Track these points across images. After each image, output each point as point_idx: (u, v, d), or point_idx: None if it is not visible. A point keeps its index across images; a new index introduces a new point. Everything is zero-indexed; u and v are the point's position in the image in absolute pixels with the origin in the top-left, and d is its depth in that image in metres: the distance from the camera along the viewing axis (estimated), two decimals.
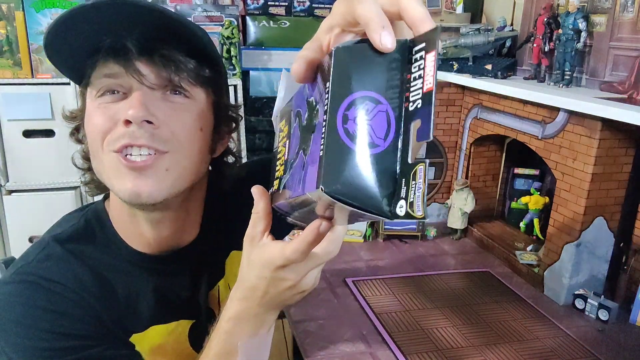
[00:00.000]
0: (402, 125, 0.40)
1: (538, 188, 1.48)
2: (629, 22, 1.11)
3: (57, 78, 2.13)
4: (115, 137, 0.60)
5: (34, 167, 2.16)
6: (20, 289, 0.62)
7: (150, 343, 0.70)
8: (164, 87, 0.62)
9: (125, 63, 0.60)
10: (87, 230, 0.69)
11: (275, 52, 2.50)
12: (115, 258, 0.69)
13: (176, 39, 0.62)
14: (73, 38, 0.59)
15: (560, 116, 1.18)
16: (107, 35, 0.60)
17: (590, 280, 1.20)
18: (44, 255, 0.65)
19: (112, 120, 0.60)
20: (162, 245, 0.71)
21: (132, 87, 0.61)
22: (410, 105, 0.39)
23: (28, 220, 2.13)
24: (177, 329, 0.73)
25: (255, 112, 2.49)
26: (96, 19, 0.58)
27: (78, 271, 0.65)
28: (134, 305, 0.69)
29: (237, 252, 0.81)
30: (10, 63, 2.10)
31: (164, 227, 0.70)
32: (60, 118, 0.71)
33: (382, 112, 0.39)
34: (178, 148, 0.62)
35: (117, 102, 0.61)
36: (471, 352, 1.01)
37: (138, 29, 0.59)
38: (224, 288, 0.80)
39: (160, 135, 0.60)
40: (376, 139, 0.39)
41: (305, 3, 2.45)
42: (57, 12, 2.09)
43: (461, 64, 1.52)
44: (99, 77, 0.62)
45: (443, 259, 1.42)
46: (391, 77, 0.40)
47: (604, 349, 1.03)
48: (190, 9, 2.27)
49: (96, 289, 0.65)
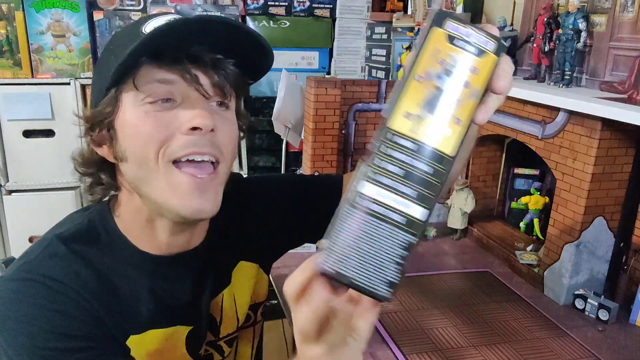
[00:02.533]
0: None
1: (538, 188, 1.48)
2: (629, 22, 1.11)
3: (57, 78, 2.13)
4: (178, 146, 0.60)
5: (34, 167, 2.16)
6: (22, 286, 0.62)
7: (147, 347, 0.69)
8: (217, 97, 0.63)
9: (182, 71, 0.59)
10: (90, 231, 0.69)
11: (275, 52, 2.49)
12: (118, 259, 0.69)
13: (235, 49, 0.62)
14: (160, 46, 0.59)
15: (560, 116, 1.18)
16: (172, 46, 0.59)
17: (590, 280, 1.20)
18: (47, 254, 0.65)
19: (169, 128, 0.60)
20: (171, 248, 0.71)
21: (189, 96, 0.61)
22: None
23: (28, 220, 2.13)
24: (175, 335, 0.72)
25: (255, 112, 2.49)
26: (183, 31, 0.59)
27: (80, 271, 0.64)
28: (135, 307, 0.68)
29: (245, 263, 0.82)
30: (10, 63, 2.10)
31: (182, 234, 0.71)
32: (61, 118, 0.71)
33: None
34: (227, 158, 0.64)
35: (170, 111, 0.61)
36: (471, 352, 1.01)
37: (201, 41, 0.60)
38: (229, 297, 0.80)
39: (218, 144, 0.62)
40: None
41: (305, 3, 2.45)
42: (57, 12, 2.10)
43: None
44: (150, 82, 0.60)
45: (443, 259, 1.42)
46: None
47: (604, 349, 1.03)
48: (190, 9, 2.27)
49: (97, 289, 0.65)
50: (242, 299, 0.81)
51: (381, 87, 1.52)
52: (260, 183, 0.91)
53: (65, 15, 2.11)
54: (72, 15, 2.12)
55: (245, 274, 0.82)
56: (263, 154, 2.55)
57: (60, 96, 2.13)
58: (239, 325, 0.81)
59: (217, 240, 0.78)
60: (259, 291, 0.86)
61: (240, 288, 0.81)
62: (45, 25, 2.10)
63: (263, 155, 2.55)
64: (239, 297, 0.81)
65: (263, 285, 0.87)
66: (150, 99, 0.60)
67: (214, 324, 0.78)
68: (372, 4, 2.50)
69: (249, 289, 0.83)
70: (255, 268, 0.84)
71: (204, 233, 0.76)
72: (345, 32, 2.52)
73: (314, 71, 2.56)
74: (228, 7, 2.32)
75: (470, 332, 1.07)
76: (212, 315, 0.77)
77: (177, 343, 0.73)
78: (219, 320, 0.79)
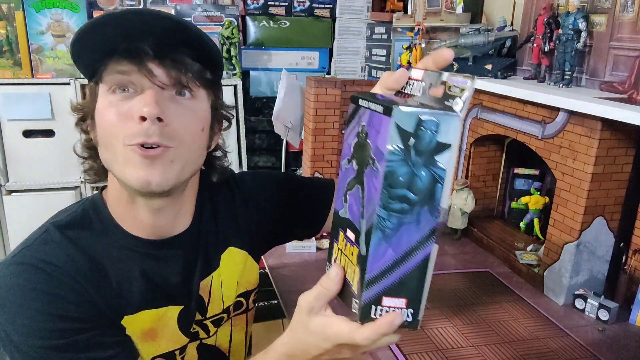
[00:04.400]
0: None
1: (538, 188, 1.48)
2: (629, 22, 1.11)
3: (57, 78, 2.13)
4: (131, 134, 0.65)
5: (34, 167, 2.16)
6: (20, 270, 0.67)
7: (141, 327, 0.74)
8: (172, 87, 0.68)
9: (138, 63, 0.65)
10: (84, 218, 0.74)
11: (275, 52, 2.50)
12: (110, 243, 0.74)
13: (186, 44, 0.68)
14: (96, 40, 0.65)
15: (560, 116, 1.18)
16: (125, 39, 0.66)
17: (590, 280, 1.20)
18: (43, 240, 0.71)
19: (125, 117, 0.65)
20: (157, 232, 0.76)
21: (144, 86, 0.66)
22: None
23: (28, 220, 2.12)
24: (167, 314, 0.77)
25: (255, 112, 2.49)
26: (119, 25, 0.64)
27: (74, 255, 0.70)
28: (127, 289, 0.73)
29: (234, 249, 0.87)
30: (10, 63, 2.10)
31: (162, 215, 0.75)
32: (60, 118, 0.76)
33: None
34: (182, 144, 0.68)
35: (129, 100, 0.66)
36: (471, 352, 1.01)
37: (153, 35, 0.66)
38: (217, 279, 0.85)
39: (168, 133, 0.66)
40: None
41: (305, 3, 2.45)
42: (57, 12, 2.10)
43: (461, 64, 1.52)
44: (112, 74, 0.66)
45: (443, 259, 1.42)
46: None
47: (604, 349, 1.03)
48: (190, 9, 2.27)
49: (90, 273, 0.70)
50: (228, 282, 0.86)
51: None
52: (255, 176, 0.96)
53: (65, 15, 2.11)
54: (72, 15, 2.12)
55: (233, 259, 0.87)
56: (263, 154, 2.55)
57: (60, 96, 2.13)
58: (224, 307, 0.86)
59: (206, 225, 0.83)
60: (249, 278, 0.90)
61: (227, 272, 0.86)
62: (45, 25, 2.10)
63: (263, 155, 2.55)
64: (225, 281, 0.86)
65: (253, 272, 0.91)
66: (111, 90, 0.67)
67: (202, 305, 0.83)
68: (372, 4, 2.50)
69: (237, 274, 0.88)
70: (244, 255, 0.89)
71: (189, 217, 0.81)
72: (345, 32, 2.52)
73: (314, 71, 2.56)
74: (228, 7, 2.32)
75: (470, 332, 1.07)
76: (201, 296, 0.82)
77: (169, 322, 0.78)
78: (207, 301, 0.83)
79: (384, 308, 0.51)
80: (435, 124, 0.46)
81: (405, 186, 0.48)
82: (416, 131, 0.47)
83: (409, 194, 0.48)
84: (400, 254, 0.50)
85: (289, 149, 2.50)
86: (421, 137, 0.47)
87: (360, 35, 2.52)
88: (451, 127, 0.47)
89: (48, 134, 2.14)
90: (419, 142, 0.47)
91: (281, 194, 0.93)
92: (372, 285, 0.51)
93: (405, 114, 0.46)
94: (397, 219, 0.49)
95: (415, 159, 0.47)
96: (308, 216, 0.97)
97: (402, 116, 0.46)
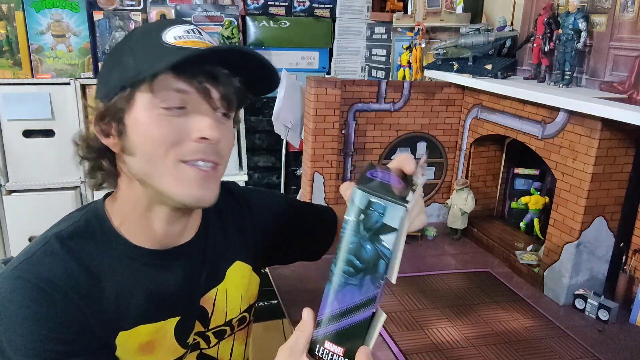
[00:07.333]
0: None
1: (538, 188, 1.48)
2: (629, 22, 1.11)
3: (57, 78, 2.13)
4: (189, 151, 0.68)
5: (34, 167, 2.16)
6: (18, 285, 0.66)
7: (138, 340, 0.74)
8: (224, 109, 0.71)
9: (198, 84, 0.67)
10: (87, 229, 0.73)
11: (275, 52, 2.49)
12: (113, 254, 0.73)
13: (249, 71, 0.71)
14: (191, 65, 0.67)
15: (560, 116, 1.18)
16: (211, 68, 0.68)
17: (590, 280, 1.20)
18: (44, 252, 0.70)
19: (180, 133, 0.67)
20: (164, 241, 0.76)
21: (200, 106, 0.68)
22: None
23: (28, 220, 2.13)
24: (165, 326, 0.77)
25: (255, 112, 2.49)
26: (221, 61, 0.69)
27: (73, 269, 0.69)
28: (125, 302, 0.72)
29: (241, 263, 0.88)
30: (10, 63, 2.10)
31: (176, 224, 0.76)
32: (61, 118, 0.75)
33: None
34: (225, 162, 0.74)
35: (181, 117, 0.67)
36: (471, 352, 1.01)
37: (233, 67, 0.69)
38: (222, 292, 0.85)
39: (219, 151, 0.71)
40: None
41: (305, 3, 2.45)
42: (57, 12, 2.09)
43: (461, 64, 1.52)
44: (167, 90, 0.66)
45: (443, 259, 1.42)
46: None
47: (604, 349, 1.03)
48: (190, 9, 2.27)
49: (88, 288, 0.69)
50: (233, 295, 0.87)
51: (381, 87, 1.52)
52: (261, 196, 0.97)
53: (65, 15, 2.11)
54: (72, 15, 2.12)
55: (239, 273, 0.88)
56: (263, 154, 2.54)
57: (60, 96, 2.12)
58: (227, 319, 0.87)
59: (213, 237, 0.84)
60: (251, 292, 0.92)
61: (233, 286, 0.87)
62: (45, 25, 2.09)
63: (263, 155, 2.55)
64: (230, 294, 0.86)
65: (254, 286, 0.93)
66: (164, 105, 0.66)
67: (205, 316, 0.83)
68: (372, 4, 2.49)
69: (242, 288, 0.88)
70: (249, 269, 0.90)
71: (197, 227, 0.82)
72: (345, 32, 2.52)
73: (314, 71, 2.56)
74: (228, 7, 2.31)
75: (470, 332, 1.07)
76: (204, 307, 0.83)
77: (166, 334, 0.77)
78: (210, 313, 0.84)
79: (325, 350, 0.59)
80: (383, 208, 0.55)
81: (353, 253, 0.56)
82: (366, 210, 0.55)
83: (355, 260, 0.56)
84: (343, 309, 0.58)
85: (289, 149, 2.49)
86: (370, 215, 0.55)
87: (360, 35, 2.52)
88: (396, 215, 0.54)
89: (48, 134, 2.14)
90: (367, 219, 0.55)
91: (287, 216, 0.96)
92: (320, 326, 0.59)
93: (360, 194, 0.55)
94: (343, 278, 0.57)
95: (363, 232, 0.56)
96: (310, 247, 1.02)
97: (358, 195, 0.55)
